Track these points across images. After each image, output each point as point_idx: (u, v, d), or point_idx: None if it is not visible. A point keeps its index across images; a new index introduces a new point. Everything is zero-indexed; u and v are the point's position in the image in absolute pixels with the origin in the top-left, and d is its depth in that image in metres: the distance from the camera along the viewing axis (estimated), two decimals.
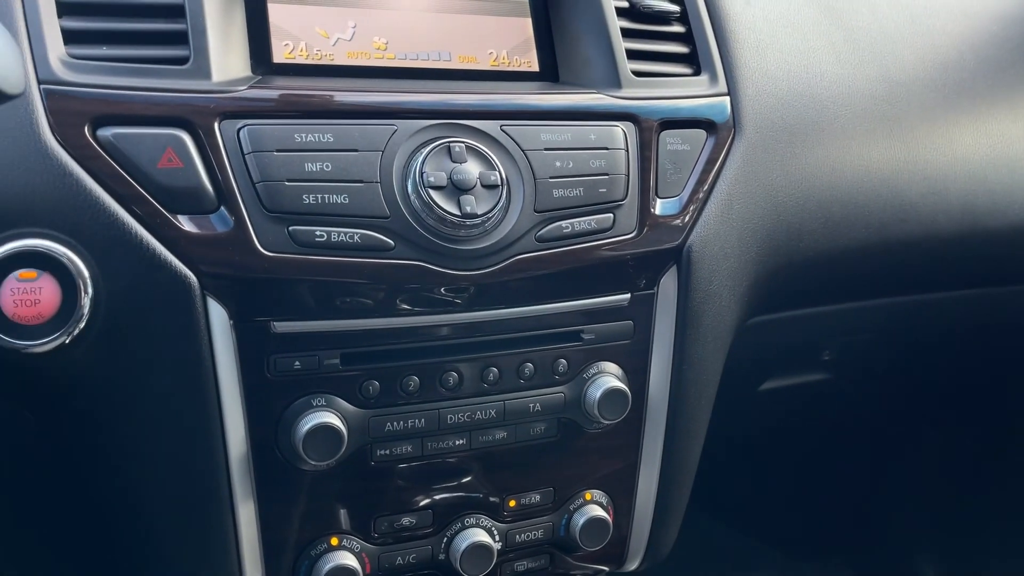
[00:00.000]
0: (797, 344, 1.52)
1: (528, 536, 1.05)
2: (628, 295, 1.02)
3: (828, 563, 2.31)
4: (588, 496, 1.08)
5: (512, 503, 1.04)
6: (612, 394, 1.01)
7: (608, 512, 1.08)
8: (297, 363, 0.89)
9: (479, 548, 1.00)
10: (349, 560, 0.95)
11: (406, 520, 0.99)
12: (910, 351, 1.70)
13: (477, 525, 1.02)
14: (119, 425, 0.87)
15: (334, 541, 0.96)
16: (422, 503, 1.00)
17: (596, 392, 1.00)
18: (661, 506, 1.13)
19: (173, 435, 0.88)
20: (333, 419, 0.89)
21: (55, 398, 0.86)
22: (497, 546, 1.02)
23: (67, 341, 0.80)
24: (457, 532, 1.01)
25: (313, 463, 0.90)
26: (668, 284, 1.05)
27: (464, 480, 1.01)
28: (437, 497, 1.00)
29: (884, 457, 2.18)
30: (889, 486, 2.19)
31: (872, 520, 2.22)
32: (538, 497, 1.05)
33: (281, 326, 0.87)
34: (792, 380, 1.75)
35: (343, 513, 0.96)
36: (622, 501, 1.11)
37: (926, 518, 2.15)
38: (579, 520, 1.06)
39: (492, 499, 1.03)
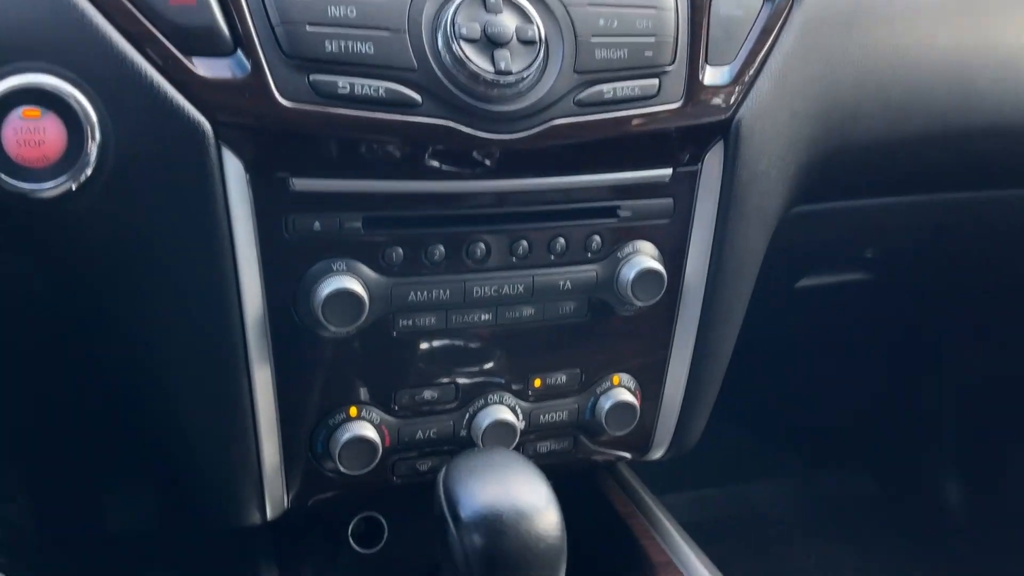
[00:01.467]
0: (840, 239, 1.45)
1: (552, 417, 1.02)
2: (670, 171, 0.96)
3: (848, 473, 2.29)
4: (616, 380, 1.04)
5: (537, 383, 1.00)
6: (647, 275, 0.95)
7: (636, 397, 1.04)
8: (317, 224, 0.84)
9: (502, 426, 0.97)
10: (368, 431, 0.93)
11: (428, 394, 0.96)
12: (961, 255, 1.62)
13: (501, 403, 0.99)
14: (128, 282, 0.83)
15: (353, 411, 0.94)
16: (445, 378, 0.96)
17: (630, 272, 0.95)
18: (690, 395, 1.09)
19: (185, 294, 0.84)
20: (354, 284, 0.85)
21: (62, 250, 0.82)
22: (520, 425, 0.99)
23: (73, 187, 0.76)
24: (480, 409, 0.98)
25: (333, 329, 0.86)
26: (713, 161, 0.98)
27: (489, 357, 0.97)
28: (461, 373, 0.97)
29: (916, 368, 2.12)
30: (919, 399, 2.14)
31: (897, 432, 2.19)
32: (564, 378, 1.01)
33: (300, 183, 0.82)
34: (830, 279, 1.68)
35: (363, 384, 0.93)
36: (651, 387, 1.07)
37: (953, 434, 2.10)
38: (605, 404, 1.03)
39: (517, 378, 0.99)
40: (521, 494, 0.71)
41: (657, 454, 1.13)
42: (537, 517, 0.70)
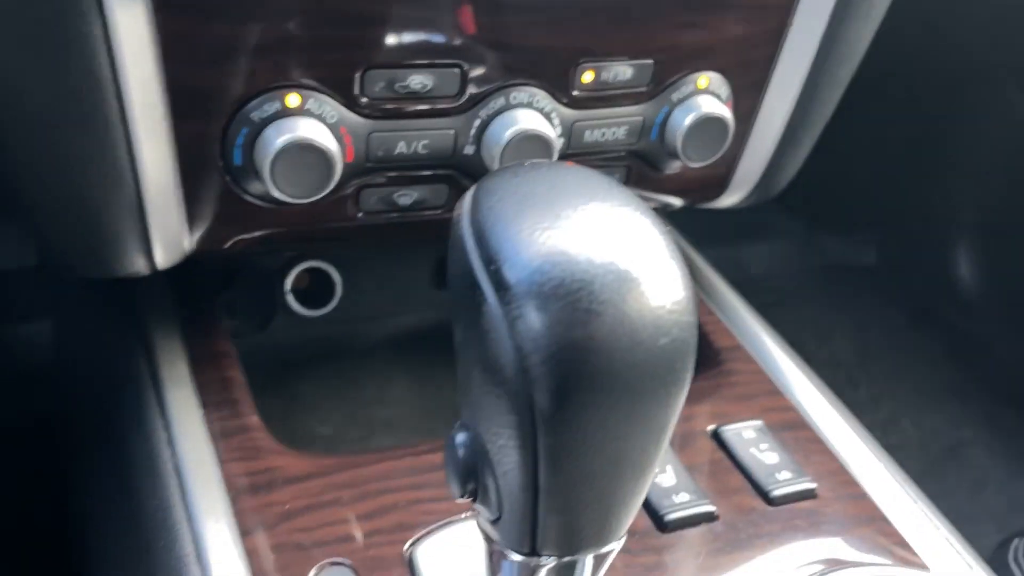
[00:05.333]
0: None
1: (604, 135, 0.66)
2: None
3: (852, 238, 2.07)
4: (704, 82, 0.68)
5: (589, 76, 0.63)
6: None
7: (728, 110, 0.68)
8: None
9: (531, 140, 0.61)
10: (318, 134, 0.56)
11: (417, 80, 0.58)
12: None
13: (530, 105, 0.62)
14: None
15: (292, 100, 0.56)
16: (445, 56, 0.59)
17: None
18: (798, 118, 0.74)
19: None
20: None
21: None
22: (558, 143, 0.63)
23: None
24: (498, 112, 0.62)
25: None
26: None
27: (518, 28, 0.60)
28: (470, 49, 0.59)
29: (929, 137, 1.84)
30: (931, 169, 1.89)
31: (905, 203, 1.95)
32: (629, 71, 0.64)
33: None
34: None
35: (310, 53, 0.55)
36: (746, 100, 0.71)
37: (966, 207, 1.87)
38: (683, 118, 0.67)
39: (557, 66, 0.62)
40: (623, 243, 0.37)
41: (732, 199, 0.79)
42: (659, 292, 0.36)
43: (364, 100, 0.58)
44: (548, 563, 0.43)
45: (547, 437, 0.37)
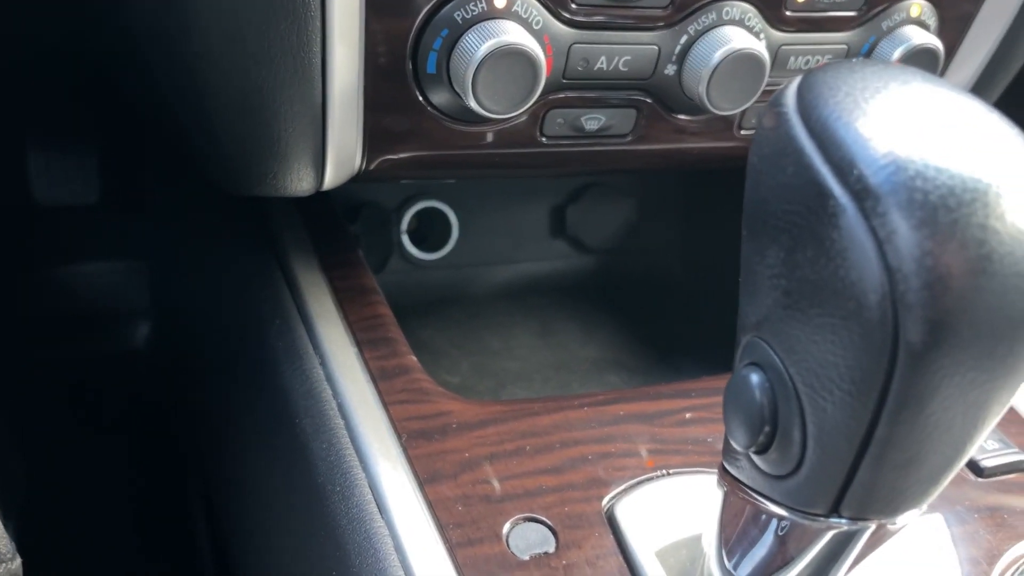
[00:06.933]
0: None
1: (807, 62, 0.60)
2: None
3: None
4: (916, 10, 0.61)
5: None
6: None
7: (939, 41, 0.62)
8: None
9: (742, 63, 0.55)
10: (526, 39, 0.50)
11: None
12: None
13: (742, 23, 0.56)
14: None
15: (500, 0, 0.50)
16: None
17: None
18: (996, 61, 0.68)
19: None
20: None
21: None
22: (767, 64, 0.57)
23: None
24: (707, 29, 0.55)
25: None
26: None
27: None
28: None
29: None
30: None
31: None
32: None
33: None
34: None
35: None
36: (951, 33, 0.64)
37: None
38: (892, 48, 0.60)
39: None
40: (1015, 150, 0.31)
41: None
42: None
43: (573, 6, 0.52)
44: (834, 528, 0.37)
45: (907, 379, 0.31)
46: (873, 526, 0.37)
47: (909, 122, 0.31)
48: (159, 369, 0.94)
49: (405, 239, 0.87)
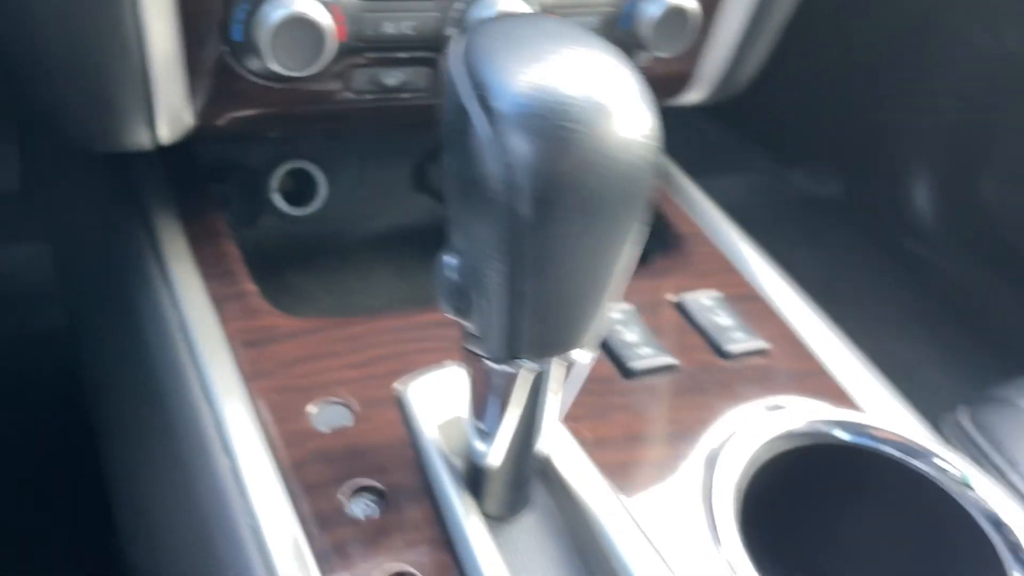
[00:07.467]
0: None
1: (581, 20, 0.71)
2: None
3: (818, 172, 2.15)
4: None
5: None
6: None
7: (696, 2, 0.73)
8: None
9: None
10: (313, 9, 0.60)
11: None
12: None
13: None
14: None
15: None
16: None
17: None
18: (760, 17, 0.79)
19: None
20: None
21: None
22: None
23: None
24: None
25: None
26: None
27: None
28: None
29: (893, 71, 1.92)
30: (892, 102, 1.97)
31: (869, 136, 2.03)
32: None
33: None
34: None
35: None
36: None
37: (926, 137, 1.96)
38: (651, 8, 0.72)
39: None
40: (598, 77, 0.42)
41: (697, 96, 0.85)
42: (627, 115, 0.42)
43: None
44: (525, 368, 0.49)
45: (530, 243, 0.42)
46: (558, 360, 0.49)
47: (525, 59, 0.42)
48: (67, 350, 1.03)
49: (276, 196, 0.97)
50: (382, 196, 1.02)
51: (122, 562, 0.77)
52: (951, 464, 0.61)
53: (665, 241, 0.84)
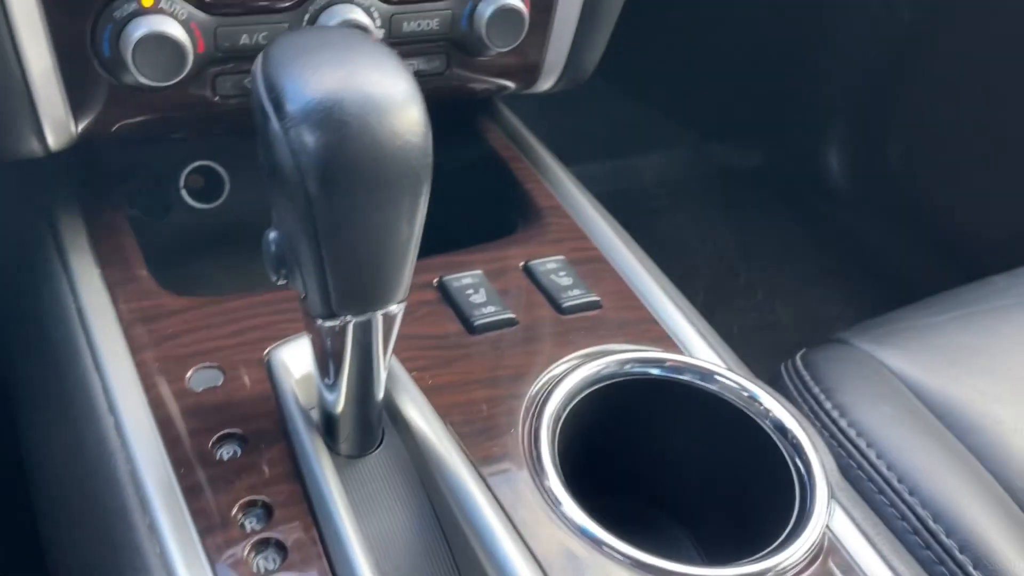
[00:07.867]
0: None
1: (419, 25, 0.81)
2: None
3: (739, 144, 2.26)
4: None
5: None
6: None
7: (524, 3, 0.83)
8: None
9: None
10: (171, 28, 0.70)
11: None
12: None
13: (352, 1, 0.77)
14: None
15: (147, 1, 0.70)
16: None
17: None
18: (588, 13, 0.89)
19: None
20: None
21: None
22: (378, 33, 0.78)
23: None
24: (324, 7, 0.76)
25: None
26: None
27: None
28: None
29: (806, 42, 2.03)
30: (804, 76, 2.08)
31: (784, 109, 2.13)
32: None
33: None
34: None
35: None
36: None
37: (835, 106, 2.07)
38: (486, 9, 0.81)
39: None
40: (370, 79, 0.52)
41: (546, 84, 0.95)
42: (392, 108, 0.51)
43: (208, 1, 0.72)
44: (347, 322, 0.58)
45: (320, 216, 0.52)
46: (374, 314, 0.58)
47: (312, 67, 0.51)
48: None
49: (184, 193, 1.06)
50: None
51: (38, 542, 0.86)
52: (740, 384, 0.71)
53: (527, 215, 0.94)
